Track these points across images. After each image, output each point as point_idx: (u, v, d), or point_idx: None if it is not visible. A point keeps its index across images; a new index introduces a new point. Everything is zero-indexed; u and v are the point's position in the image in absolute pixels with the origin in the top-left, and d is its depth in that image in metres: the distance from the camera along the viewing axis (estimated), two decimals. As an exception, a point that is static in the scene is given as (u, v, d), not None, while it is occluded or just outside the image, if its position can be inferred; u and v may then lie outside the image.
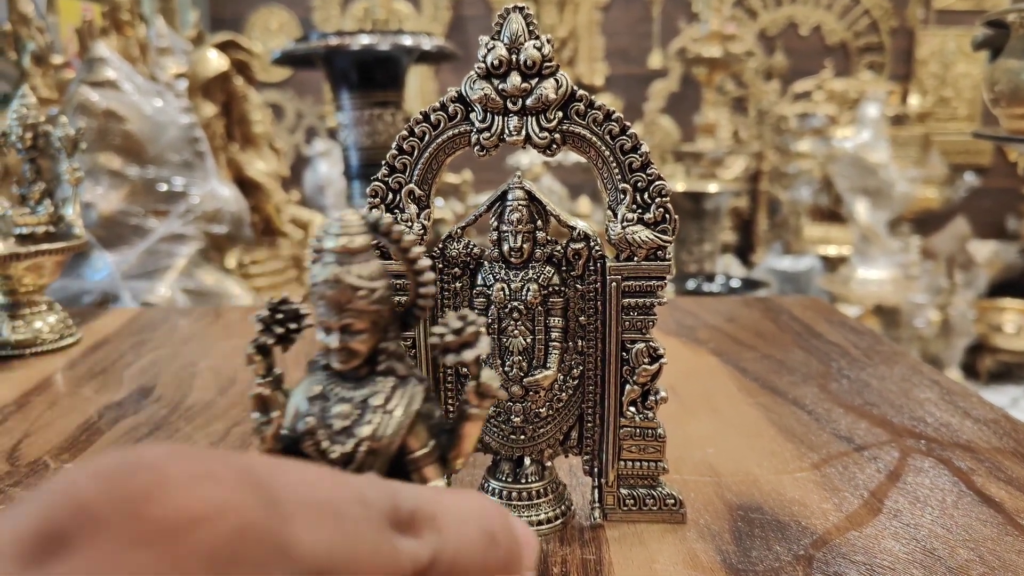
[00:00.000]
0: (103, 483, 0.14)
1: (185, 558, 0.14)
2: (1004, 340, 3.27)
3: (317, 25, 3.66)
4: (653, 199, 0.41)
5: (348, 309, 0.29)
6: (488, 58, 0.40)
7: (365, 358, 0.30)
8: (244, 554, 0.15)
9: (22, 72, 1.55)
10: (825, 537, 0.42)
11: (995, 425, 0.57)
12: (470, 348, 0.29)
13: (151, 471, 0.15)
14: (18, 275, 0.74)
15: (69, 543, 0.14)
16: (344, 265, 0.29)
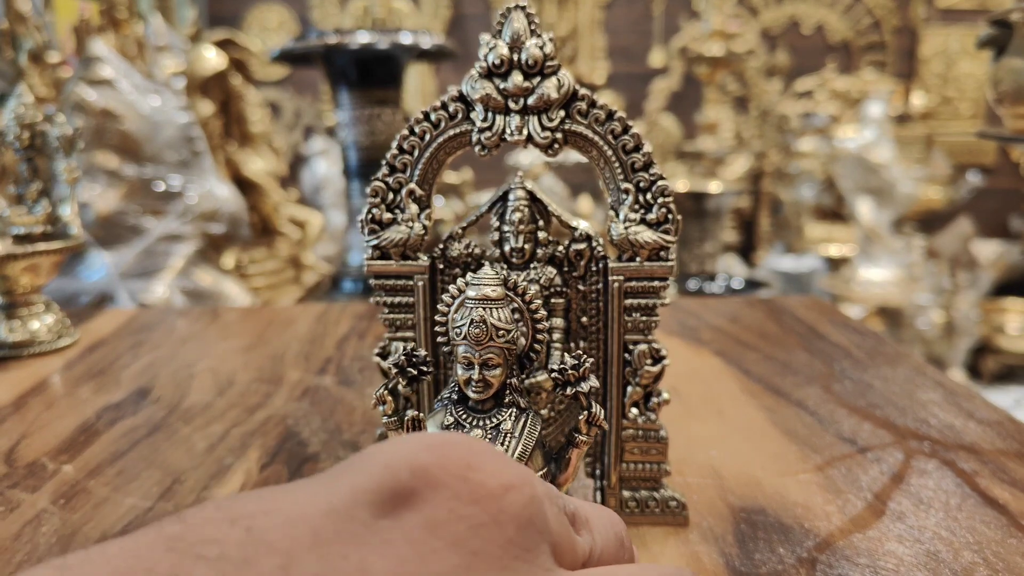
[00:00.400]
0: (434, 453, 0.18)
1: (501, 515, 0.18)
2: (1008, 341, 3.26)
3: (316, 23, 3.66)
4: (656, 199, 0.40)
5: (489, 346, 0.35)
6: (490, 57, 0.40)
7: (496, 391, 0.36)
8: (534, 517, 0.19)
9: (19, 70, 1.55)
10: (828, 540, 0.42)
11: (999, 427, 0.56)
12: (585, 381, 0.36)
13: (466, 447, 0.19)
14: (15, 275, 0.73)
15: (414, 498, 0.18)
16: (487, 310, 0.35)
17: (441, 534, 0.17)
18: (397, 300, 0.43)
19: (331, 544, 0.16)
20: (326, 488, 0.18)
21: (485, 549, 0.17)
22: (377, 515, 0.17)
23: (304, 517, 0.17)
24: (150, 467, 0.51)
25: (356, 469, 0.18)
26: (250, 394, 0.64)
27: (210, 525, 0.16)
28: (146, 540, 0.16)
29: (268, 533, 0.16)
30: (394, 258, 0.42)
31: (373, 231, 0.42)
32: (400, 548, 0.17)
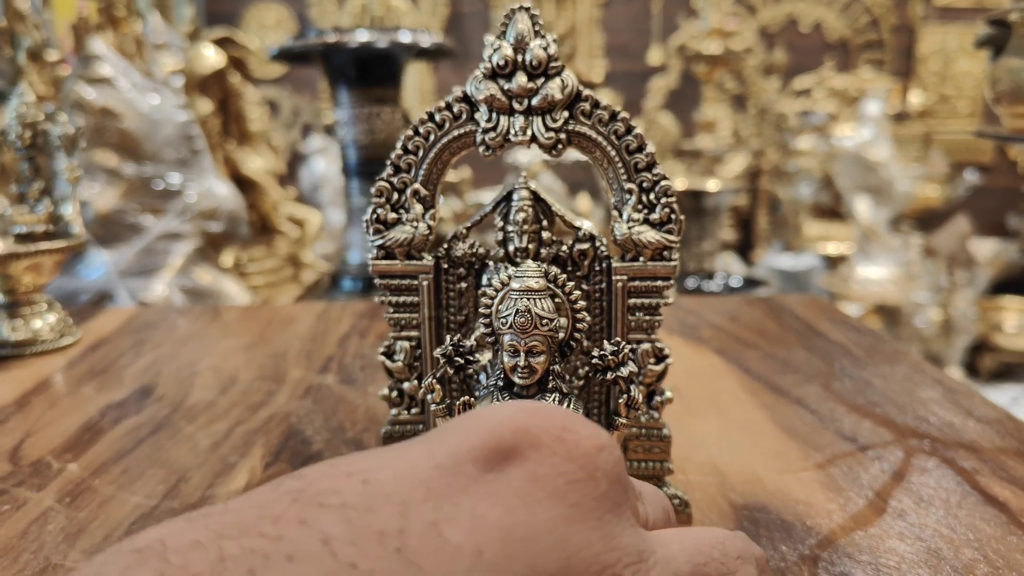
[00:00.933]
0: (533, 416, 0.20)
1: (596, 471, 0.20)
2: (1005, 339, 3.27)
3: (313, 20, 3.65)
4: (659, 199, 0.41)
5: (533, 334, 0.37)
6: (494, 58, 0.40)
7: (540, 377, 0.38)
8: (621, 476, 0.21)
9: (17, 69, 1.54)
10: (830, 537, 0.42)
11: (998, 425, 0.56)
12: (623, 367, 0.38)
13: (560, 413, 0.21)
14: (17, 274, 0.74)
15: (516, 455, 0.19)
16: (531, 300, 0.37)
17: (543, 487, 0.19)
18: (402, 299, 0.43)
19: (443, 494, 0.18)
20: (432, 447, 0.19)
21: (582, 502, 0.19)
22: (483, 470, 0.19)
23: (415, 471, 0.18)
24: (154, 465, 0.51)
25: (459, 431, 0.20)
26: (252, 392, 0.64)
27: (328, 479, 0.18)
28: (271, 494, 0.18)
29: (384, 485, 0.18)
30: (399, 258, 0.42)
31: (378, 231, 0.42)
32: (507, 498, 0.18)
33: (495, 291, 0.38)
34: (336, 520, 0.17)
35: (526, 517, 0.18)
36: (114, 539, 0.42)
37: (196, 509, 0.42)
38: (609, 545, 0.19)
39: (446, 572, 0.17)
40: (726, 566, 0.24)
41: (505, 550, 0.17)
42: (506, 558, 0.17)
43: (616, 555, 0.19)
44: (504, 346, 0.37)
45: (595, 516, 0.19)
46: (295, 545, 0.16)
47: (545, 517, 0.18)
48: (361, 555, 0.16)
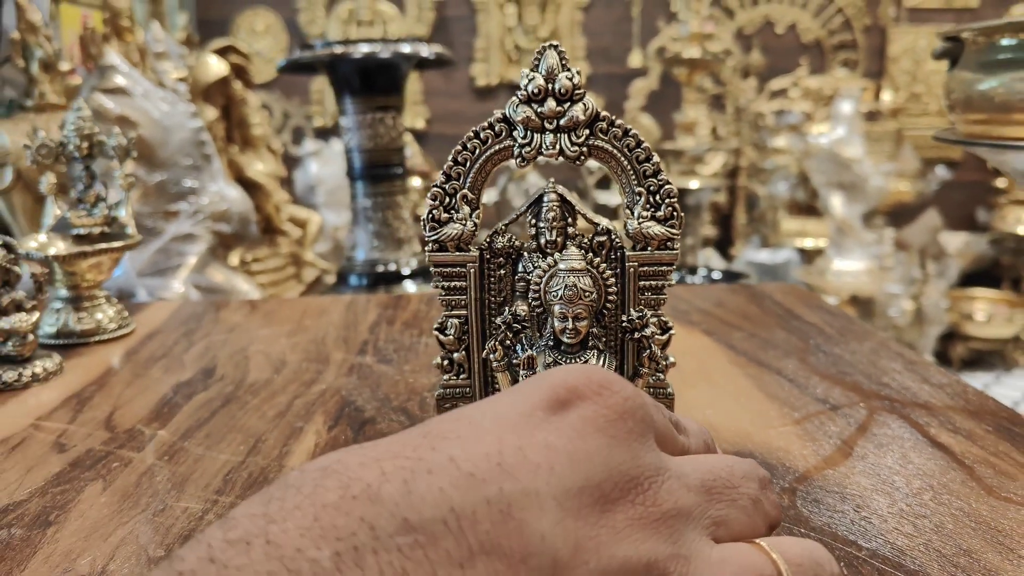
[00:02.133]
0: (580, 377, 0.28)
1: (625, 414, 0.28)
2: (975, 328, 3.41)
3: (302, 26, 3.73)
4: (664, 200, 0.50)
5: (578, 304, 0.47)
6: (529, 87, 0.49)
7: (583, 337, 0.48)
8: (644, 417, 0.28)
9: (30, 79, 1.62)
10: (805, 475, 0.52)
11: (949, 388, 0.66)
12: (647, 328, 0.49)
13: (600, 374, 0.29)
14: (81, 271, 0.82)
15: (570, 404, 0.27)
16: (576, 277, 0.47)
17: (590, 424, 0.27)
18: (452, 284, 0.52)
19: (524, 428, 0.26)
20: (514, 399, 0.28)
21: (617, 434, 0.27)
22: (549, 414, 0.27)
23: (504, 415, 0.27)
24: (232, 431, 0.60)
25: (531, 388, 0.28)
26: (303, 372, 0.73)
27: (445, 422, 0.26)
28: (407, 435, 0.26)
29: (485, 423, 0.26)
30: (450, 250, 0.52)
31: (433, 228, 0.51)
32: (567, 431, 0.26)
33: (543, 271, 0.49)
34: (456, 446, 0.24)
35: (581, 444, 0.26)
36: (213, 488, 0.51)
37: (278, 463, 0.51)
38: (636, 463, 0.27)
39: (530, 480, 0.24)
40: (731, 482, 0.31)
41: (569, 465, 0.25)
42: (570, 470, 0.25)
43: (640, 470, 0.27)
44: (555, 314, 0.48)
45: (626, 444, 0.27)
46: (431, 463, 0.24)
47: (593, 444, 0.26)
48: (475, 467, 0.23)
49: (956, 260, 3.54)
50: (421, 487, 0.23)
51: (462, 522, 0.22)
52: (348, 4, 3.67)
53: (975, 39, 0.84)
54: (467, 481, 0.23)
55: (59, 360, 0.74)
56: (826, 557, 0.30)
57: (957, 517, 0.46)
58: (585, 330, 0.48)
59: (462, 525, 0.22)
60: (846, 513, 0.47)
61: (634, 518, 0.26)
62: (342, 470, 0.23)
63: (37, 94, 1.55)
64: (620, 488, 0.26)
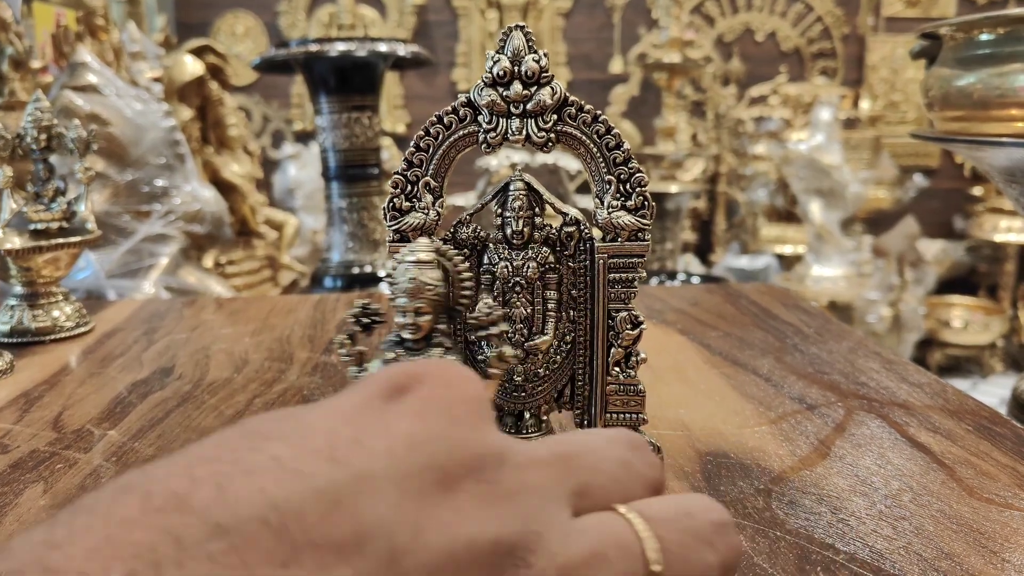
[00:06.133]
0: (420, 365, 0.27)
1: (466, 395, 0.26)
2: (952, 335, 3.42)
3: (283, 30, 3.70)
4: (634, 188, 0.48)
5: (420, 298, 0.44)
6: (494, 69, 0.47)
7: (426, 334, 0.45)
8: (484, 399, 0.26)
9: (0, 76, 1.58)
10: (781, 475, 0.50)
11: (927, 387, 0.65)
12: (495, 326, 0.45)
13: (439, 362, 0.27)
14: (37, 267, 0.79)
15: (410, 389, 0.25)
16: (419, 269, 0.44)
17: (431, 407, 0.25)
18: (438, 291, 0.50)
19: (359, 419, 0.24)
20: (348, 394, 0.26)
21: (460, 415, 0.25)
22: (386, 401, 0.25)
23: (337, 408, 0.25)
24: (187, 431, 0.58)
25: (368, 382, 0.26)
26: (265, 371, 0.70)
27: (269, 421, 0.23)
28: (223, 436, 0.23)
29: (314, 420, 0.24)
30: (412, 240, 0.49)
31: (394, 217, 0.49)
32: (406, 414, 0.24)
33: (396, 263, 0.45)
34: (280, 446, 0.22)
35: (421, 425, 0.24)
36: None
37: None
38: (480, 442, 0.25)
39: (368, 466, 0.22)
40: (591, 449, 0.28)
41: (408, 447, 0.23)
42: (409, 452, 0.23)
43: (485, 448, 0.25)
44: (398, 308, 0.44)
45: (469, 424, 0.25)
46: (250, 464, 0.21)
47: (435, 424, 0.24)
48: (303, 463, 0.21)
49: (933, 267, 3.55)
50: (237, 489, 0.20)
51: (285, 518, 0.20)
52: (329, 8, 3.65)
53: (953, 35, 0.83)
54: (292, 477, 0.21)
55: (10, 359, 0.71)
56: (701, 506, 0.28)
57: (938, 519, 0.44)
58: (427, 326, 0.44)
59: (285, 521, 0.20)
60: (823, 515, 0.45)
61: (479, 496, 0.24)
62: (145, 483, 0.20)
63: (7, 92, 1.52)
64: (464, 467, 0.24)
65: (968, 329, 3.40)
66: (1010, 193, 0.84)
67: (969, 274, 3.75)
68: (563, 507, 0.26)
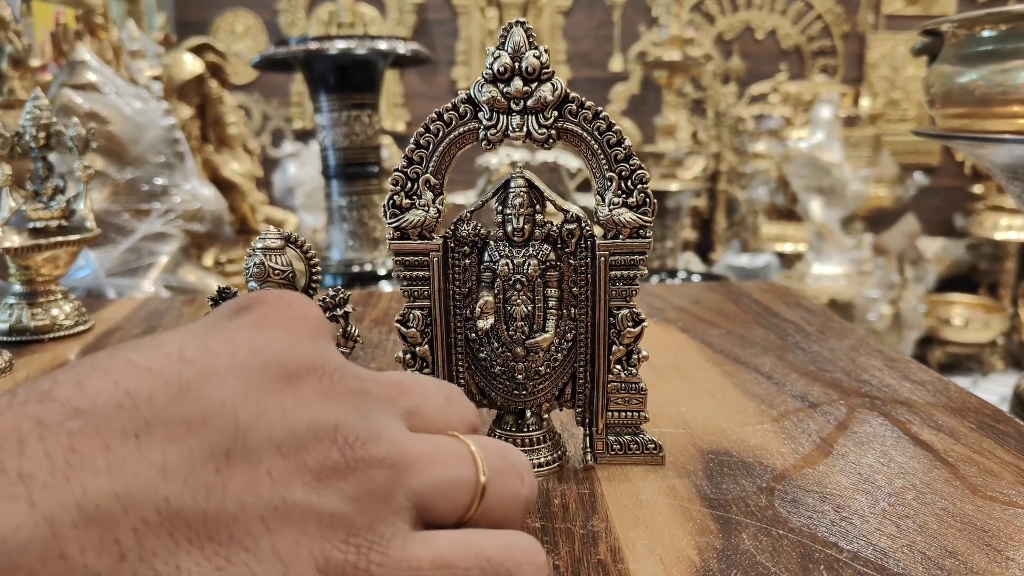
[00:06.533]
0: (262, 292, 0.29)
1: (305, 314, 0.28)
2: (953, 333, 3.42)
3: (283, 28, 3.70)
4: (635, 185, 0.48)
5: (267, 282, 0.47)
6: (494, 65, 0.47)
7: None
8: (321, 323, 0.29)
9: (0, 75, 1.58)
10: (784, 474, 0.50)
11: (929, 385, 0.65)
12: (341, 307, 0.50)
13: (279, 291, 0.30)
14: (36, 266, 0.79)
15: (251, 308, 0.28)
16: (268, 257, 0.47)
17: (271, 320, 0.27)
18: (415, 274, 0.50)
19: (206, 331, 0.26)
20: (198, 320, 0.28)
21: (299, 330, 0.27)
22: (231, 317, 0.27)
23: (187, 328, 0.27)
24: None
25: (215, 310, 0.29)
26: (265, 369, 0.70)
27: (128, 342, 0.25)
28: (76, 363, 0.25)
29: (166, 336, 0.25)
30: (412, 237, 0.49)
31: (394, 214, 0.49)
32: (248, 326, 0.27)
33: (249, 251, 0.49)
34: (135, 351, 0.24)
35: (261, 335, 0.26)
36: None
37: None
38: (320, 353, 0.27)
39: (213, 364, 0.24)
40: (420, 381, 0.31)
41: (250, 349, 0.25)
42: (251, 353, 0.25)
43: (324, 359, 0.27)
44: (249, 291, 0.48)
45: (308, 338, 0.27)
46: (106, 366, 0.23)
47: (275, 335, 0.26)
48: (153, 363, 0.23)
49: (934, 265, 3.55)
50: (95, 383, 0.22)
51: (137, 402, 0.22)
52: (328, 6, 3.65)
53: (955, 32, 0.83)
54: (144, 373, 0.23)
55: (9, 357, 0.71)
56: (514, 449, 0.31)
57: (941, 517, 0.44)
58: None
59: (137, 404, 0.22)
60: (826, 513, 0.45)
61: (320, 392, 0.26)
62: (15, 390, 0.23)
63: (6, 90, 1.52)
64: (305, 369, 0.26)
65: (968, 327, 3.39)
66: (1012, 190, 0.84)
67: (969, 272, 3.75)
68: (398, 419, 0.28)
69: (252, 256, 0.47)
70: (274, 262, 0.47)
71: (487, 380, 0.52)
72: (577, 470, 0.51)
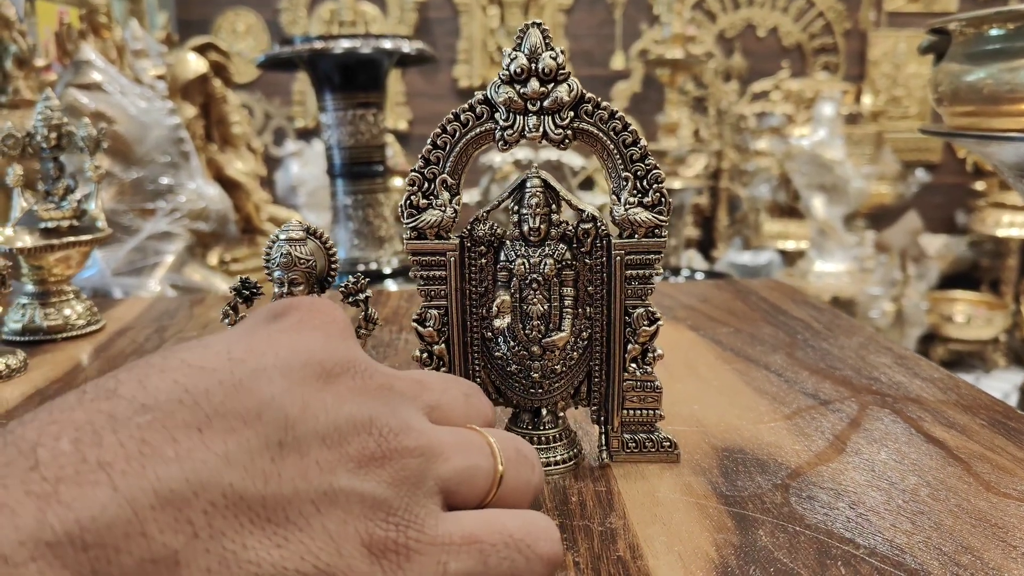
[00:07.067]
0: (295, 299, 0.32)
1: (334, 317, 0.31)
2: (955, 330, 3.42)
3: (284, 27, 3.70)
4: (651, 185, 0.48)
5: (293, 271, 0.49)
6: (511, 66, 0.47)
7: None
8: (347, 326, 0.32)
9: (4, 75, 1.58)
10: (798, 471, 0.50)
11: (940, 383, 0.65)
12: (362, 292, 0.53)
13: (310, 297, 0.32)
14: (48, 266, 0.79)
15: (286, 314, 0.30)
16: (292, 245, 0.49)
17: (305, 324, 0.30)
18: (432, 273, 0.50)
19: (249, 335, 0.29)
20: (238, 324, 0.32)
21: (331, 332, 0.30)
22: (269, 323, 0.30)
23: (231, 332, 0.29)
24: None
25: (252, 315, 0.32)
26: (278, 368, 0.70)
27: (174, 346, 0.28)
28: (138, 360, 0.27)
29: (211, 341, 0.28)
30: (429, 237, 0.50)
31: (411, 215, 0.49)
32: (286, 329, 0.29)
33: (271, 242, 0.50)
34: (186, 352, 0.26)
35: (298, 336, 0.29)
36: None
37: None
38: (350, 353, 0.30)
39: (260, 363, 0.26)
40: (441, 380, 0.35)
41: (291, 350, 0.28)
42: (292, 353, 0.28)
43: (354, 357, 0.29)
44: (274, 280, 0.50)
45: (339, 339, 0.30)
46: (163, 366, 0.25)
47: (310, 336, 0.29)
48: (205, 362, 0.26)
49: (936, 262, 3.56)
50: (155, 381, 0.24)
51: (197, 398, 0.24)
52: (330, 5, 3.65)
53: (963, 30, 0.83)
54: (199, 372, 0.25)
55: (23, 357, 0.71)
56: (528, 445, 0.34)
57: (956, 513, 0.44)
58: (301, 295, 0.50)
59: (197, 400, 0.24)
60: (841, 510, 0.45)
61: (355, 389, 0.29)
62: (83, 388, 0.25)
63: (11, 90, 1.52)
64: (340, 367, 0.29)
65: (971, 324, 3.40)
66: (1020, 188, 0.84)
67: (971, 269, 3.75)
68: (421, 412, 0.31)
69: (278, 246, 0.50)
70: (299, 252, 0.49)
71: (503, 379, 0.52)
72: (593, 468, 0.51)
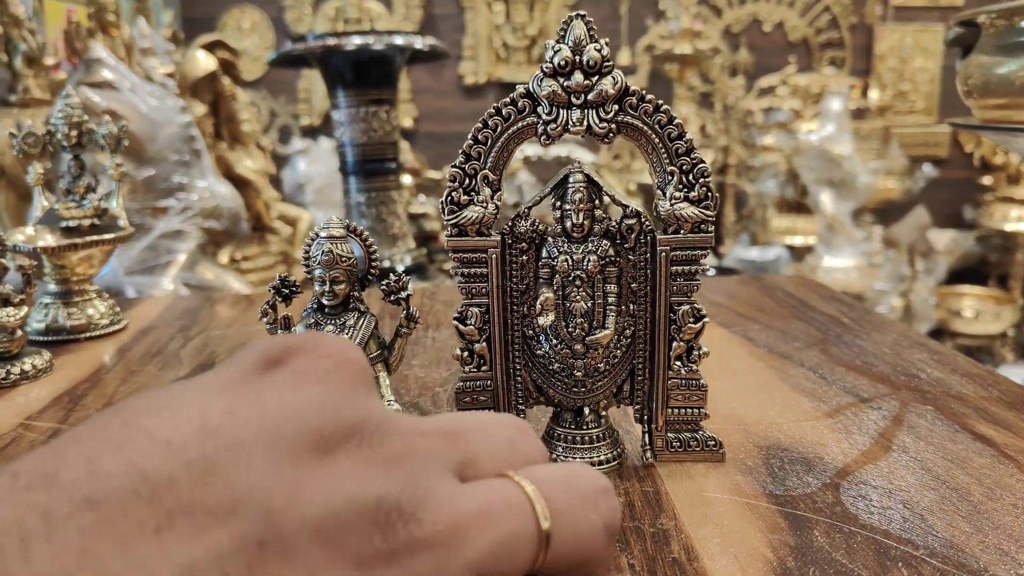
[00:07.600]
0: (293, 337, 0.26)
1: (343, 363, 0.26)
2: (963, 324, 3.41)
3: (289, 24, 3.69)
4: (697, 179, 0.47)
5: (335, 268, 0.50)
6: (555, 59, 0.46)
7: (342, 300, 0.52)
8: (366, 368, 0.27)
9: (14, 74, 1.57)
10: (846, 469, 0.49)
11: (980, 379, 0.64)
12: (404, 291, 0.55)
13: (313, 334, 0.29)
14: (71, 265, 0.78)
15: (282, 361, 0.25)
16: (333, 243, 0.50)
17: (305, 376, 0.24)
18: (473, 271, 0.49)
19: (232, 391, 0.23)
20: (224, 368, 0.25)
21: (336, 383, 0.25)
22: (260, 374, 0.24)
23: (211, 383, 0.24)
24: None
25: (242, 355, 0.26)
26: (306, 368, 0.70)
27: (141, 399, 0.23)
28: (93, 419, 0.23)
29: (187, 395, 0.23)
30: (470, 234, 0.49)
31: (452, 211, 0.48)
32: (280, 385, 0.24)
33: (310, 240, 0.52)
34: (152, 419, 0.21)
35: (293, 396, 0.24)
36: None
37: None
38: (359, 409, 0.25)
39: (240, 435, 0.22)
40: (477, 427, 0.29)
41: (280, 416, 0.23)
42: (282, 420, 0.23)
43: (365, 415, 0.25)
44: (315, 278, 0.52)
45: (346, 392, 0.25)
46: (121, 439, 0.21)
47: (308, 394, 0.24)
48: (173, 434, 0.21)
49: (944, 257, 3.54)
50: (106, 462, 0.20)
51: (156, 488, 0.20)
52: (335, 2, 3.64)
53: (993, 22, 0.82)
54: (163, 449, 0.20)
55: (49, 357, 0.70)
56: (584, 472, 0.29)
57: (1013, 512, 0.43)
58: (343, 293, 0.52)
59: (156, 490, 0.20)
60: (896, 510, 0.44)
61: (360, 460, 0.24)
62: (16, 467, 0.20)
63: (21, 89, 1.51)
64: (343, 432, 0.24)
65: (979, 319, 3.39)
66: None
67: (979, 264, 3.74)
68: (448, 474, 0.26)
69: (318, 244, 0.50)
70: (340, 250, 0.50)
71: (545, 377, 0.51)
72: (637, 467, 0.51)
